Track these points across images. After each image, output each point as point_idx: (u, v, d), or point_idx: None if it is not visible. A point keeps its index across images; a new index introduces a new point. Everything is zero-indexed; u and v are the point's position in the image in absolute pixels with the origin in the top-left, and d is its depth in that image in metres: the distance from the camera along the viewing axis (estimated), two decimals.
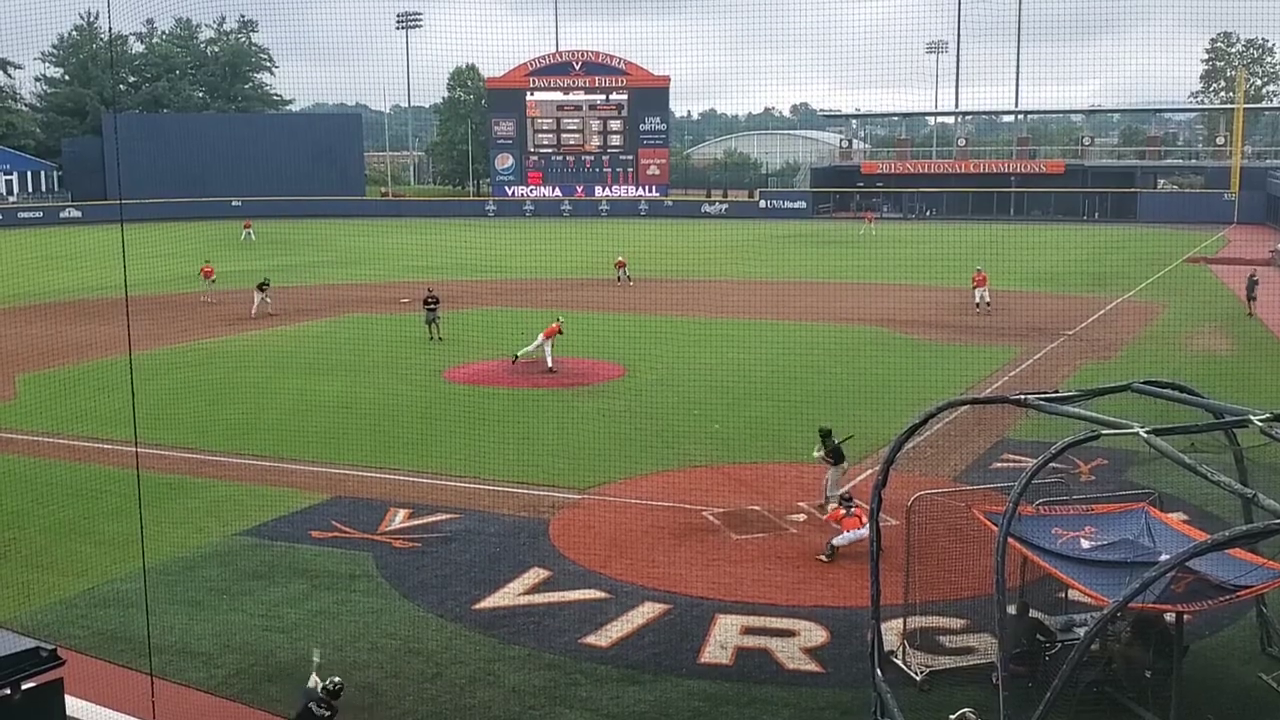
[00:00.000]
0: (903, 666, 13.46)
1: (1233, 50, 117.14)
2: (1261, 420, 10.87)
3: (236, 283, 46.54)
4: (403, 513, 19.58)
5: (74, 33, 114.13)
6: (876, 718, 12.30)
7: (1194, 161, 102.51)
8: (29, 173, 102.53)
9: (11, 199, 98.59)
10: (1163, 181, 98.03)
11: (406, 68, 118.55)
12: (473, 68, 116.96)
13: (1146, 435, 10.47)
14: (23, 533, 18.90)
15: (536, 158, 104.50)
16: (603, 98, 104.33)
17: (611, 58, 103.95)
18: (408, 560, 17.44)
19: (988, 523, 13.04)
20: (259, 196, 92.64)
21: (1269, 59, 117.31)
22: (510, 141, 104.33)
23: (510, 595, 16.09)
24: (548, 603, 15.82)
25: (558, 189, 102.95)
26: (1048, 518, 13.33)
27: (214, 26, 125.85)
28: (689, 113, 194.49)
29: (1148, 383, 12.62)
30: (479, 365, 32.89)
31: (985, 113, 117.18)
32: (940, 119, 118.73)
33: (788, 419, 25.13)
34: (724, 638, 14.68)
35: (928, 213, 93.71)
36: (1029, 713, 9.87)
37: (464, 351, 34.70)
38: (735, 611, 15.43)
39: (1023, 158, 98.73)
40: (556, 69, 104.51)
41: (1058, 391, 12.54)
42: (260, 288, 42.45)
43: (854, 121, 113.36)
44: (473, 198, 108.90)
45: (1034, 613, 13.61)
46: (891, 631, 13.73)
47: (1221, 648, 14.11)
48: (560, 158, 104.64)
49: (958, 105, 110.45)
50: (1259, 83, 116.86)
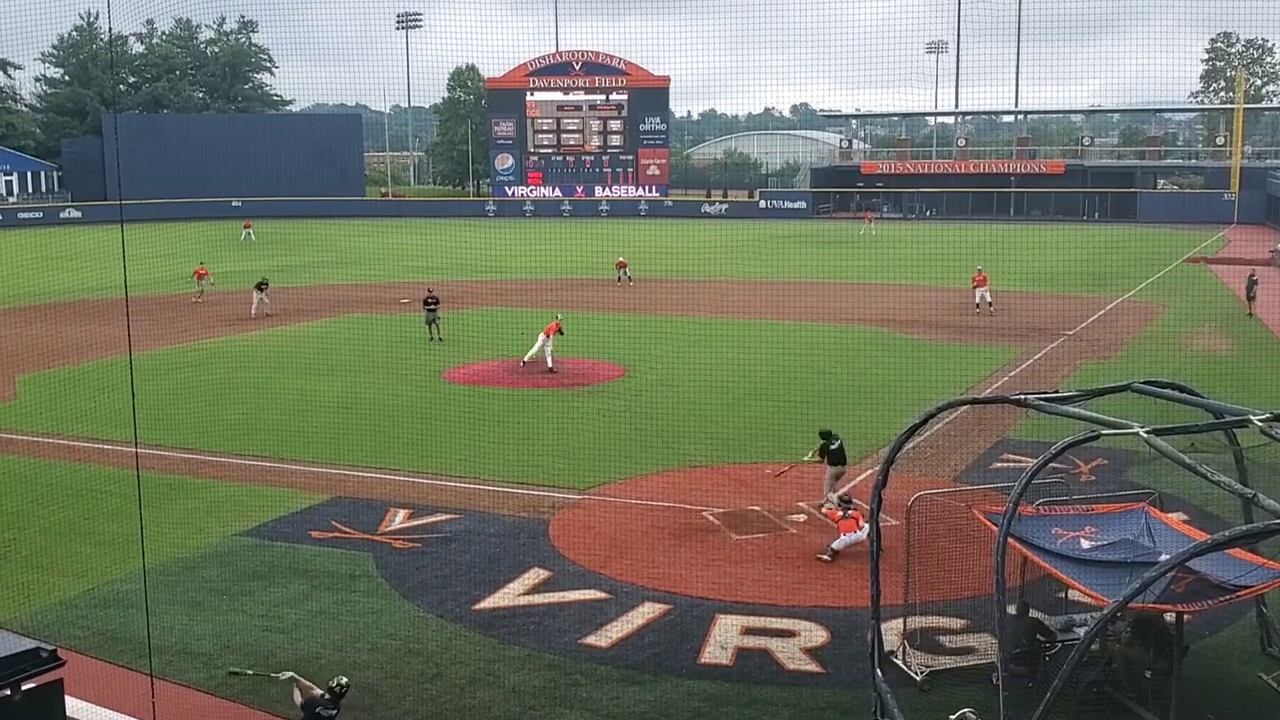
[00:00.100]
0: (903, 667, 13.46)
1: (1233, 50, 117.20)
2: (1261, 420, 10.86)
3: (237, 283, 46.56)
4: (403, 513, 19.58)
5: (74, 33, 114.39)
6: (877, 718, 12.30)
7: (1194, 161, 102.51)
8: (29, 173, 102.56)
9: (11, 199, 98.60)
10: (1163, 181, 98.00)
11: (406, 68, 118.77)
12: (473, 68, 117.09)
13: (1146, 435, 10.47)
14: (23, 533, 18.91)
15: (536, 158, 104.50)
16: (603, 98, 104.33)
17: (611, 58, 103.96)
18: (408, 560, 17.44)
19: (988, 523, 13.04)
20: (259, 197, 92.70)
21: (1269, 59, 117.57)
22: (510, 142, 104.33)
23: (510, 596, 16.09)
24: (548, 603, 15.82)
25: (558, 189, 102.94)
26: (1048, 518, 13.33)
27: (214, 27, 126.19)
28: (689, 113, 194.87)
29: (1148, 383, 12.62)
30: (479, 366, 32.90)
31: (985, 113, 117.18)
32: (940, 119, 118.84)
33: (788, 419, 25.13)
34: (724, 638, 14.68)
35: (928, 213, 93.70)
36: (1029, 713, 9.87)
37: (464, 352, 34.70)
38: (735, 612, 15.43)
39: (1023, 158, 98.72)
40: (556, 69, 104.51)
41: (1058, 391, 12.55)
42: (259, 288, 42.45)
43: (854, 122, 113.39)
44: (473, 198, 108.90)
45: (1034, 613, 13.60)
46: (892, 632, 13.73)
47: (1221, 648, 14.11)
48: (560, 158, 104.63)
49: (958, 105, 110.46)
50: (1259, 83, 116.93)
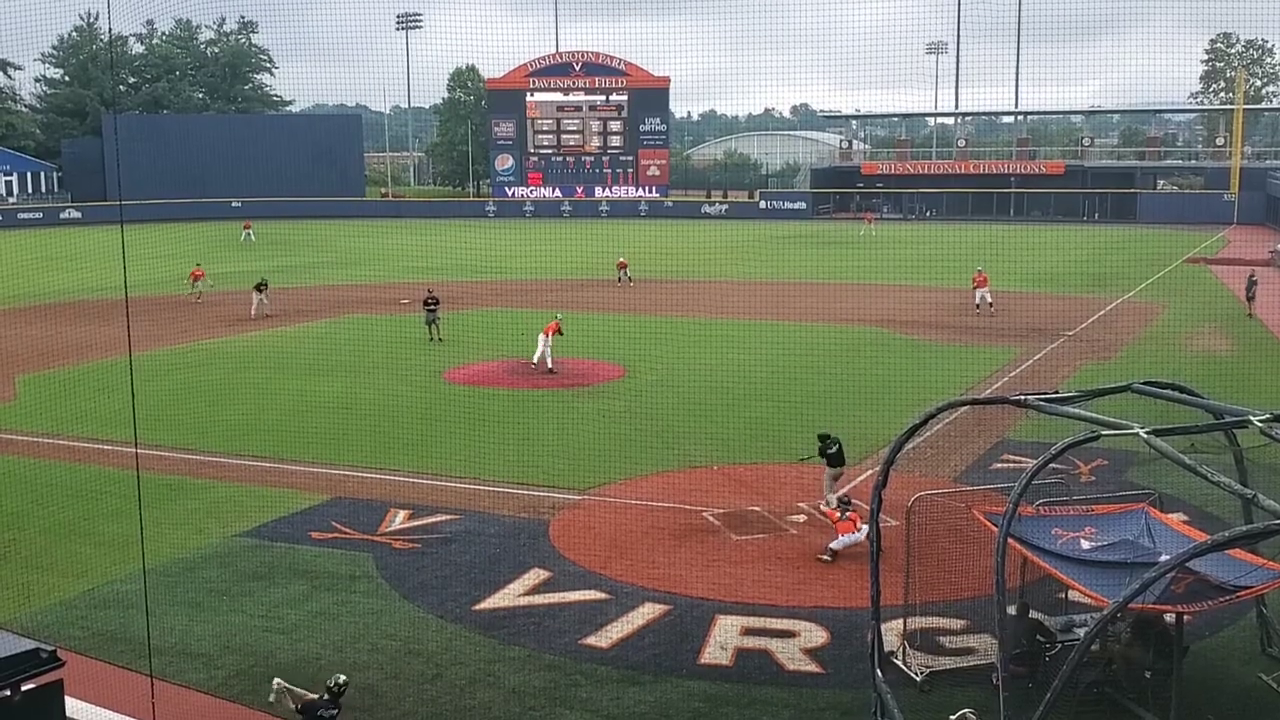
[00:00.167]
0: (903, 667, 13.46)
1: (1232, 51, 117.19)
2: (1261, 421, 10.87)
3: (236, 284, 46.56)
4: (403, 514, 19.58)
5: (74, 34, 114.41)
6: (876, 718, 12.30)
7: (1194, 162, 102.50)
8: (29, 173, 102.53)
9: (11, 200, 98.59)
10: (1162, 182, 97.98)
11: (406, 68, 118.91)
12: (473, 68, 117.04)
13: (1146, 436, 10.48)
14: (23, 534, 18.91)
15: (536, 158, 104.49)
16: (603, 98, 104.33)
17: (611, 58, 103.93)
18: (408, 561, 17.44)
19: (988, 523, 13.03)
20: (259, 197, 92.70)
21: (1269, 59, 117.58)
22: (510, 142, 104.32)
23: (510, 596, 16.09)
24: (548, 604, 15.82)
25: (558, 190, 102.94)
26: (1048, 518, 13.33)
27: (214, 27, 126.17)
28: (689, 113, 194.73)
29: (1148, 383, 12.62)
30: (479, 366, 32.90)
31: (985, 113, 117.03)
32: (940, 120, 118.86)
33: (788, 420, 25.13)
34: (724, 638, 14.67)
35: (928, 213, 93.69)
36: (1029, 713, 9.87)
37: (464, 352, 34.70)
38: (735, 612, 15.43)
39: (1022, 158, 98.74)
40: (556, 70, 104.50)
41: (1058, 392, 12.55)
42: (258, 289, 42.45)
43: (854, 122, 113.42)
44: (473, 198, 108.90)
45: (1034, 613, 13.60)
46: (891, 632, 13.73)
47: (1221, 648, 14.11)
48: (560, 158, 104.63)
49: (958, 106, 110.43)
50: (1259, 83, 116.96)
